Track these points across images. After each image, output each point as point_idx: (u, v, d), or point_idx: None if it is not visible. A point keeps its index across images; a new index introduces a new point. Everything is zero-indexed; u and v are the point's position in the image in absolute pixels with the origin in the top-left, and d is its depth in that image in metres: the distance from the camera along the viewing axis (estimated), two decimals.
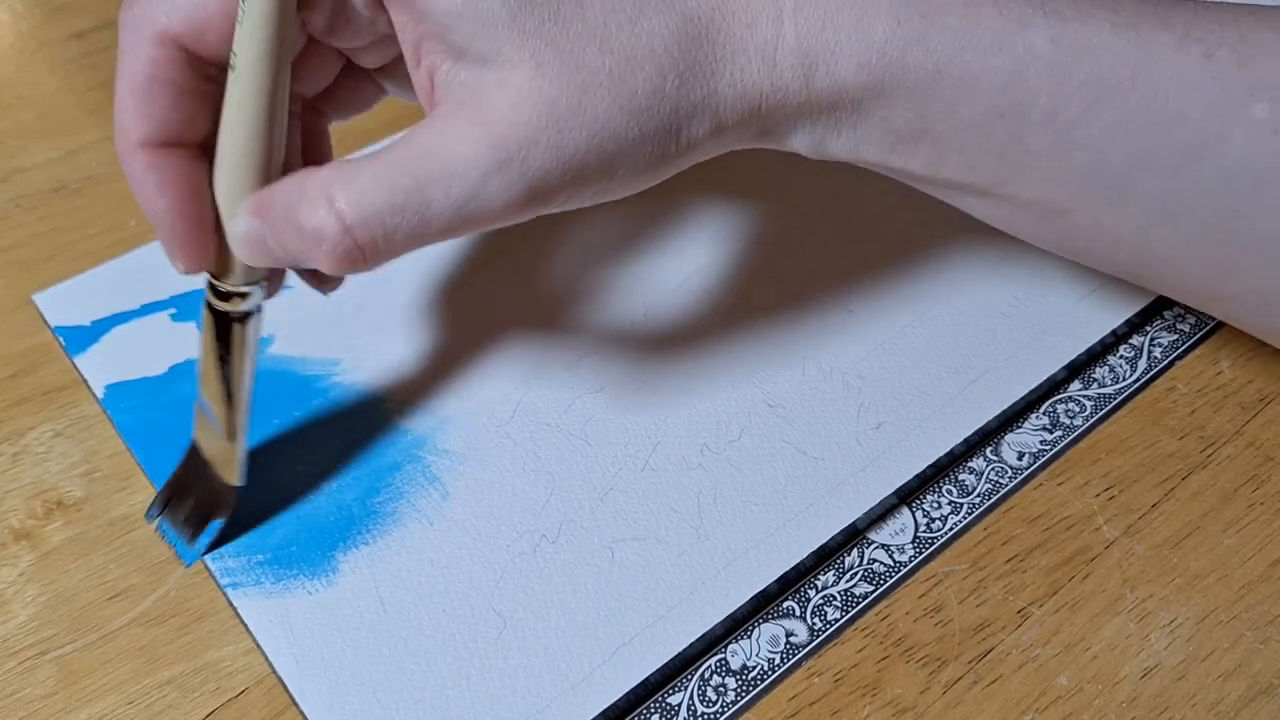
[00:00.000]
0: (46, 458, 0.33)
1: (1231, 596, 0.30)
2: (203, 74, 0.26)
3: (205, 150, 0.26)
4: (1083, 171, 0.27)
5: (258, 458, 0.32)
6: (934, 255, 0.37)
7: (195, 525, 0.30)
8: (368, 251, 0.24)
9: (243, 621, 0.29)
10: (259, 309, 0.28)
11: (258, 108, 0.25)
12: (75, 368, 0.35)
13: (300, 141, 0.30)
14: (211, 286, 0.27)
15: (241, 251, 0.26)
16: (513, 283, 0.37)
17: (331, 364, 0.34)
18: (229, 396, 0.29)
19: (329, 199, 0.24)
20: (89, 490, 0.32)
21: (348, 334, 0.35)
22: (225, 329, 0.28)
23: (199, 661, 0.29)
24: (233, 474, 0.30)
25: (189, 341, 0.35)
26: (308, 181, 0.24)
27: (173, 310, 0.36)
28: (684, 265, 0.37)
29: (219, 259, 0.27)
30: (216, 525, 0.30)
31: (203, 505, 0.30)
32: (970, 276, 0.37)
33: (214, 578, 0.30)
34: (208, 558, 0.30)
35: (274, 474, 0.32)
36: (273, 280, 0.29)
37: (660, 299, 0.36)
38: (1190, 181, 0.27)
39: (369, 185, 0.24)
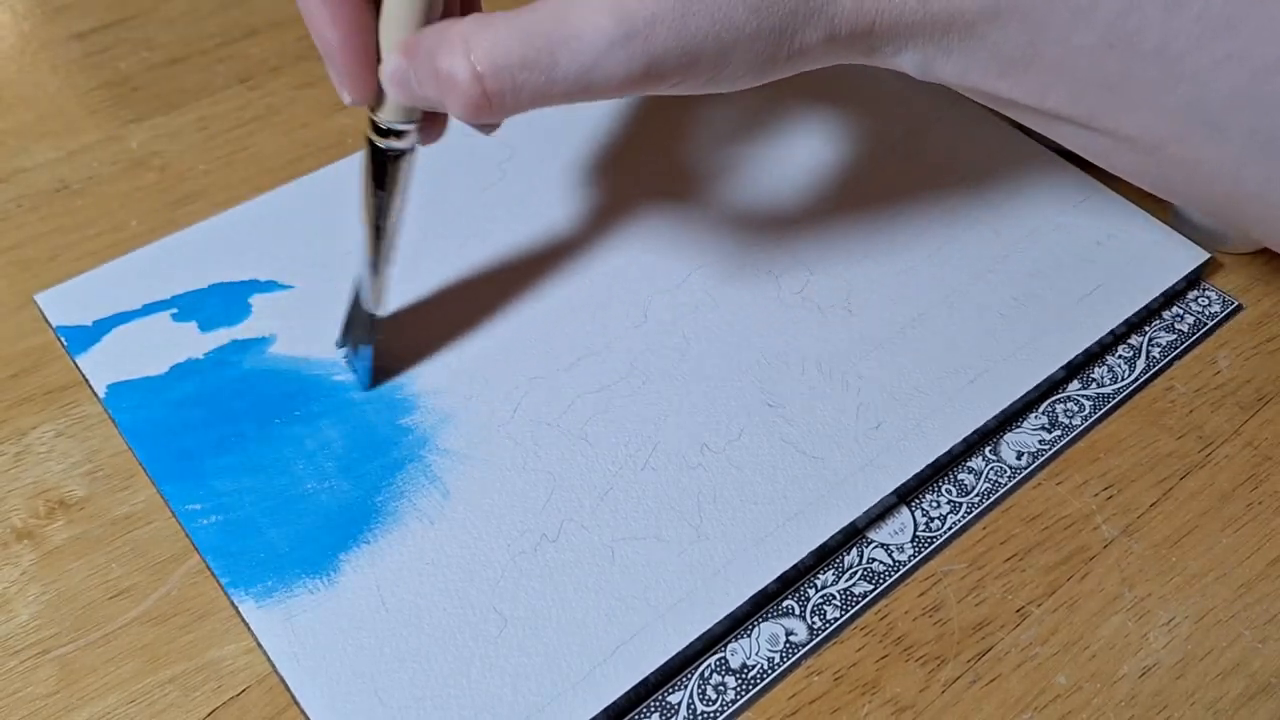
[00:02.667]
0: (48, 457, 0.33)
1: (1230, 595, 0.30)
2: None
3: None
4: (1183, 105, 0.27)
5: (259, 455, 0.32)
6: (933, 255, 0.37)
7: (355, 352, 0.33)
8: (494, 102, 0.26)
9: (244, 620, 0.29)
10: (413, 149, 0.30)
11: None
12: (77, 367, 0.35)
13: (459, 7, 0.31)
14: (372, 123, 0.29)
15: (389, 88, 0.28)
16: (512, 282, 0.37)
17: (333, 364, 0.34)
18: (376, 229, 0.30)
19: (466, 47, 0.25)
20: (91, 489, 0.32)
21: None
22: (380, 164, 0.30)
23: (200, 660, 0.29)
24: (375, 303, 0.32)
25: (190, 341, 0.35)
26: (450, 29, 0.26)
27: (174, 310, 0.36)
28: (684, 264, 0.37)
29: (380, 94, 0.28)
30: (367, 352, 0.33)
31: (358, 334, 0.33)
32: (970, 276, 0.37)
33: (215, 576, 0.30)
34: (209, 556, 0.30)
35: (275, 473, 0.32)
36: (434, 127, 0.31)
37: (660, 299, 0.36)
38: None
39: (503, 39, 0.25)
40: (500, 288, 0.36)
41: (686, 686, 0.29)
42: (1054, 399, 0.35)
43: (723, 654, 0.29)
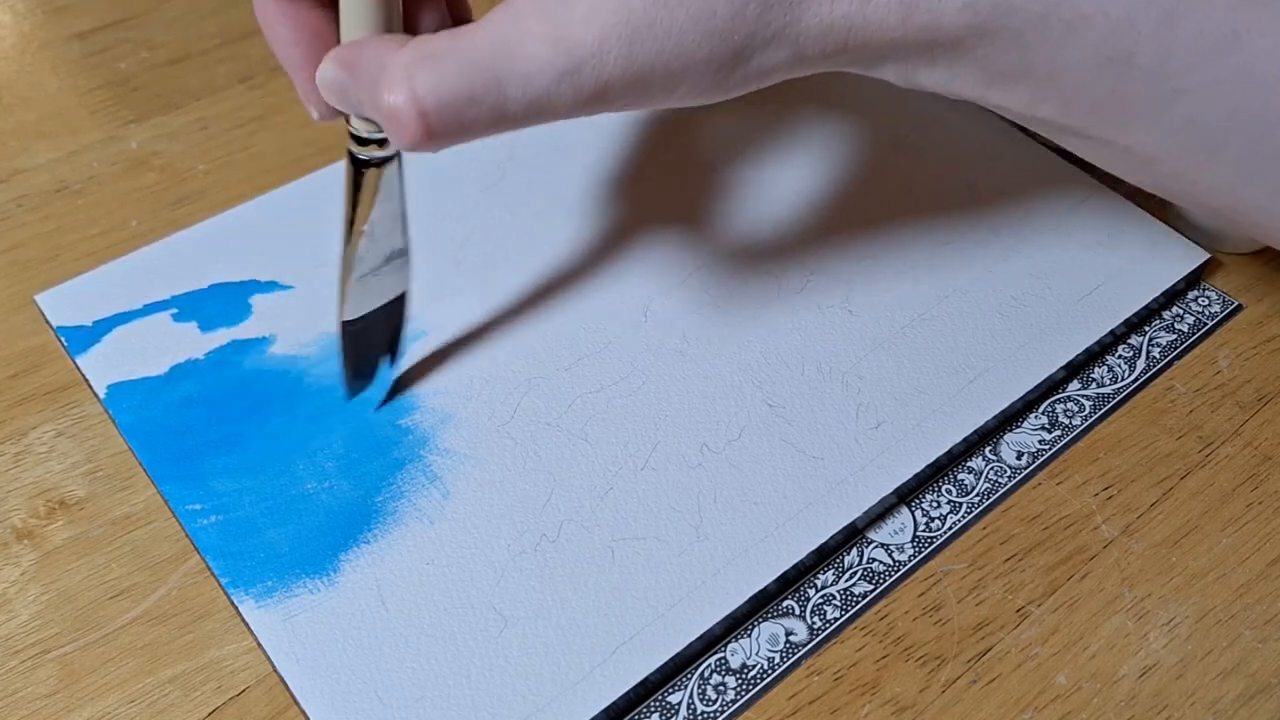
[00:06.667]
0: (48, 457, 0.33)
1: (1230, 596, 0.30)
2: None
3: (335, 4, 0.27)
4: (1181, 122, 0.27)
5: (259, 455, 0.32)
6: (933, 255, 0.37)
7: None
8: (439, 138, 0.25)
9: (244, 620, 0.29)
10: (396, 156, 0.29)
11: None
12: (77, 368, 0.35)
13: (445, 5, 0.30)
14: (349, 132, 0.28)
15: (328, 96, 0.27)
16: (512, 282, 0.37)
17: (333, 364, 0.34)
18: (348, 234, 0.30)
19: (409, 81, 0.24)
20: (91, 490, 0.32)
21: None
22: (357, 173, 0.29)
23: (200, 660, 0.29)
24: (342, 309, 0.31)
25: (189, 342, 0.35)
26: (390, 60, 0.25)
27: (174, 310, 0.36)
28: (685, 264, 0.37)
29: None
30: (339, 359, 0.32)
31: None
32: (970, 276, 0.37)
33: (215, 576, 0.30)
34: (209, 556, 0.30)
35: (275, 473, 0.32)
36: None
37: (660, 299, 0.36)
38: None
39: (448, 74, 0.24)
40: (500, 288, 0.36)
41: (686, 686, 0.29)
42: (1054, 399, 0.35)
43: (723, 654, 0.29)
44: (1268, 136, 0.26)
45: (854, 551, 0.31)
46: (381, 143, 0.28)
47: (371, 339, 0.33)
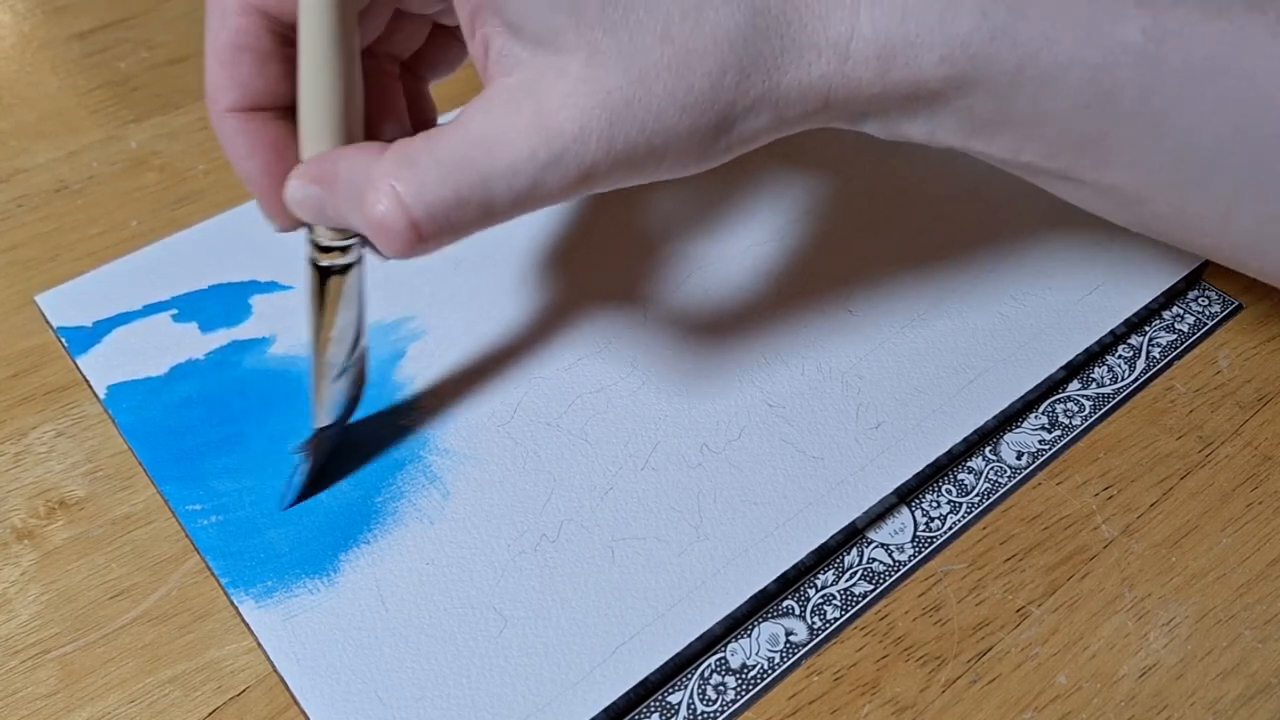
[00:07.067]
0: (49, 457, 0.33)
1: (1230, 596, 0.30)
2: (286, 40, 0.26)
3: (293, 112, 0.27)
4: (1167, 157, 0.27)
5: (259, 455, 0.32)
6: (933, 256, 0.37)
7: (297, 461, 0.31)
8: (430, 243, 0.25)
9: (244, 620, 0.29)
10: (359, 260, 0.28)
11: (323, 67, 0.25)
12: (77, 368, 0.35)
13: (405, 105, 0.30)
14: (311, 241, 0.27)
15: (300, 212, 0.26)
16: (512, 283, 0.37)
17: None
18: (315, 342, 0.29)
19: (394, 191, 0.24)
20: (91, 490, 0.32)
21: None
22: (321, 281, 0.28)
23: (200, 660, 0.29)
24: (316, 416, 0.30)
25: (190, 342, 0.35)
26: (372, 169, 0.25)
27: (174, 311, 0.36)
28: (684, 265, 0.37)
29: None
30: (303, 468, 0.31)
31: (304, 448, 0.31)
32: (969, 277, 0.37)
33: (215, 576, 0.30)
34: (209, 556, 0.30)
35: (275, 474, 0.32)
36: None
37: (660, 299, 0.36)
38: (1278, 163, 0.26)
39: (433, 180, 0.24)
40: (500, 288, 0.36)
41: (686, 686, 0.29)
42: (1054, 399, 0.35)
43: (723, 654, 0.29)
44: (1256, 163, 0.26)
45: (854, 551, 0.31)
46: (345, 249, 0.27)
47: (332, 443, 0.32)
